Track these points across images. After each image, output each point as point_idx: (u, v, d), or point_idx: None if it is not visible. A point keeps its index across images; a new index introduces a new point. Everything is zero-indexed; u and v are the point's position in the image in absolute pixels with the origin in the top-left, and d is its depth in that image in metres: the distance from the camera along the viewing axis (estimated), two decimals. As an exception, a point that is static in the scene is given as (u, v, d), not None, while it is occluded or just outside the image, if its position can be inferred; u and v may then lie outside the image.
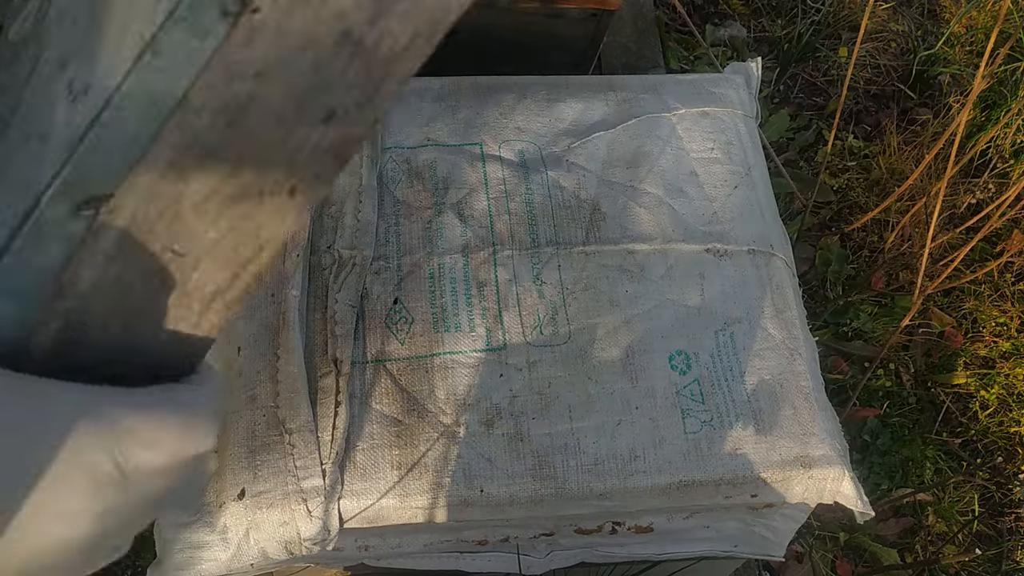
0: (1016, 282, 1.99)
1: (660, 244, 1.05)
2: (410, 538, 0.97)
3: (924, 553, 1.66)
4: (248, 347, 0.92)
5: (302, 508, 0.86)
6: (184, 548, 0.86)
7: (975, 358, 1.90)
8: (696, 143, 1.13)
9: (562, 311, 0.99)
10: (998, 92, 2.11)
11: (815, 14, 2.24)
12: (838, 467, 0.95)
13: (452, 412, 0.92)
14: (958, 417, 1.83)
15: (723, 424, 0.95)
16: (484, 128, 1.10)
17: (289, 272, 0.96)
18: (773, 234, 1.10)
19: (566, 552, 1.05)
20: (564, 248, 1.03)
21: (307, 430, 0.88)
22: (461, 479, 0.90)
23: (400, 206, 1.03)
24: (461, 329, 0.97)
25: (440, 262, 1.00)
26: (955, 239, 1.96)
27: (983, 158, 2.07)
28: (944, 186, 1.38)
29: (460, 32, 1.43)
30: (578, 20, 1.32)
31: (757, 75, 1.23)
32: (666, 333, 1.00)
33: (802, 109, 2.15)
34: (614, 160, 1.10)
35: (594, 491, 0.91)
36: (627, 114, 1.14)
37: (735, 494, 0.95)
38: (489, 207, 1.04)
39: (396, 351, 0.95)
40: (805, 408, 0.98)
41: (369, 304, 0.97)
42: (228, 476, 0.87)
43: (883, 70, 2.22)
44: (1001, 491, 1.77)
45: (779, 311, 1.03)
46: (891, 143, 2.04)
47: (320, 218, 1.00)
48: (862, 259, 1.95)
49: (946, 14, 2.32)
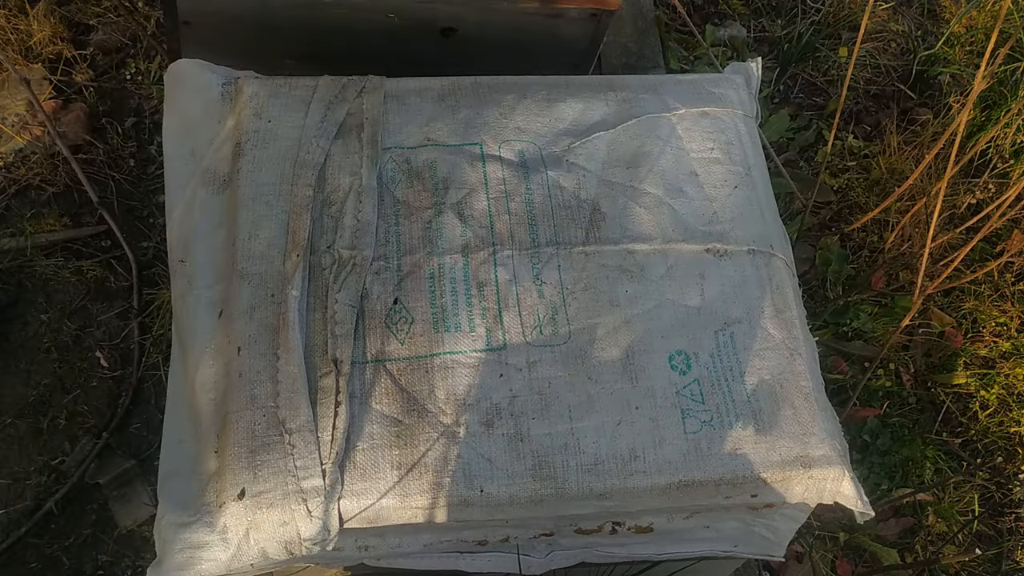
0: (1016, 282, 1.99)
1: (660, 244, 1.05)
2: (410, 538, 0.97)
3: (924, 553, 1.66)
4: (248, 347, 0.92)
5: (302, 508, 0.86)
6: (184, 548, 0.86)
7: (975, 358, 1.90)
8: (696, 143, 1.13)
9: (562, 311, 0.99)
10: (998, 92, 2.11)
11: (815, 14, 2.24)
12: (838, 467, 0.96)
13: (452, 412, 0.92)
14: (958, 417, 1.83)
15: (723, 424, 0.95)
16: (484, 128, 1.10)
17: (289, 272, 0.96)
18: (773, 234, 1.10)
19: (566, 552, 1.05)
20: (564, 248, 1.03)
21: (307, 430, 0.88)
22: (461, 479, 0.90)
23: (400, 206, 1.03)
24: (461, 329, 0.97)
25: (440, 262, 1.00)
26: (955, 239, 1.96)
27: (983, 158, 2.07)
28: (944, 186, 1.38)
29: (460, 32, 1.44)
30: (578, 20, 1.32)
31: (757, 75, 1.23)
32: (666, 333, 1.00)
33: (802, 109, 2.15)
34: (614, 160, 1.10)
35: (594, 491, 0.91)
36: (627, 114, 1.14)
37: (735, 494, 0.95)
38: (489, 207, 1.04)
39: (396, 351, 0.95)
40: (805, 408, 0.98)
41: (369, 304, 0.97)
42: (228, 476, 0.87)
43: (883, 70, 2.22)
44: (1001, 491, 1.77)
45: (779, 311, 1.03)
46: (891, 143, 2.04)
47: (320, 218, 1.00)
48: (862, 259, 1.95)
49: (946, 14, 2.33)
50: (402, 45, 1.32)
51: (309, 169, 1.02)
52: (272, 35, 1.31)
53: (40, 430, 1.50)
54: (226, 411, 0.90)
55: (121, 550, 1.44)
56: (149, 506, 1.45)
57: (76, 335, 1.58)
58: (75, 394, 1.54)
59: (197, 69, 1.09)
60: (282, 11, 1.26)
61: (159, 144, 1.38)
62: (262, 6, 1.26)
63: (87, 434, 1.50)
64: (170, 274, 1.03)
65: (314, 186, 1.01)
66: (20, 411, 1.51)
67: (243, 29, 1.29)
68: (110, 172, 1.67)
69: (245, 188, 1.00)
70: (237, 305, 0.94)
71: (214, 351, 0.94)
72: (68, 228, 1.64)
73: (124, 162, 1.72)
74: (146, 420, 1.53)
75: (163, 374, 1.56)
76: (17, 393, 1.53)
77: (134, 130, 1.75)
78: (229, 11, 1.26)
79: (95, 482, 1.46)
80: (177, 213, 1.04)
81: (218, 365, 0.93)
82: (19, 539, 1.41)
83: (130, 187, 1.69)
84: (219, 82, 1.08)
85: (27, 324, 1.58)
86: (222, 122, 1.06)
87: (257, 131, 1.04)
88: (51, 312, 1.59)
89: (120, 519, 1.45)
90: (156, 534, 0.89)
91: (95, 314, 1.60)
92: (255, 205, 1.00)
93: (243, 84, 1.08)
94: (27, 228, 1.62)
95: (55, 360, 1.56)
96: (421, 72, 1.14)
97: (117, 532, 1.45)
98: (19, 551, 1.41)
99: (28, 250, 1.60)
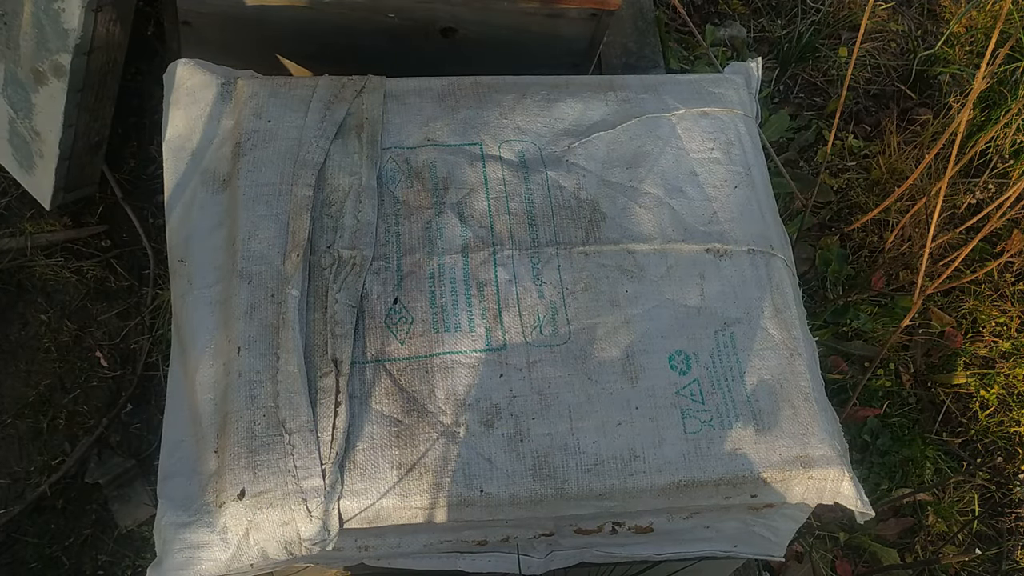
0: (1016, 282, 1.99)
1: (660, 244, 1.05)
2: (410, 538, 0.97)
3: (924, 553, 1.66)
4: (248, 347, 0.92)
5: (302, 508, 0.86)
6: (184, 548, 0.86)
7: (975, 358, 1.90)
8: (696, 143, 1.13)
9: (562, 311, 0.99)
10: (998, 92, 2.11)
11: (815, 14, 2.24)
12: (838, 467, 0.95)
13: (452, 412, 0.92)
14: (958, 417, 1.83)
15: (723, 424, 0.95)
16: (484, 128, 1.10)
17: (289, 272, 0.96)
18: (773, 234, 1.10)
19: (566, 552, 1.05)
20: (564, 248, 1.03)
21: (307, 430, 0.88)
22: (461, 479, 0.90)
23: (400, 206, 1.03)
24: (461, 329, 0.97)
25: (440, 262, 1.00)
26: (955, 239, 1.96)
27: (983, 158, 2.07)
28: (944, 186, 1.38)
29: (460, 32, 1.44)
30: (578, 20, 1.32)
31: (757, 75, 1.23)
32: (666, 333, 1.00)
33: (802, 109, 2.15)
34: (614, 160, 1.10)
35: (594, 491, 0.91)
36: (627, 114, 1.14)
37: (735, 494, 0.96)
38: (489, 207, 1.04)
39: (396, 351, 0.95)
40: (805, 408, 0.98)
41: (369, 304, 0.97)
42: (228, 476, 0.87)
43: (883, 70, 2.22)
44: (1001, 491, 1.77)
45: (779, 311, 1.03)
46: (891, 143, 2.04)
47: (320, 218, 1.00)
48: (862, 259, 1.95)
49: (946, 14, 2.32)
50: (402, 45, 1.32)
51: (309, 169, 1.02)
52: (272, 35, 1.31)
53: (40, 430, 1.50)
54: (226, 411, 0.90)
55: (121, 550, 1.44)
56: (149, 506, 1.45)
57: (76, 335, 1.58)
58: (75, 394, 1.54)
59: (197, 69, 1.09)
60: (282, 11, 1.26)
61: (159, 144, 1.39)
62: (261, 6, 1.26)
63: (87, 434, 1.50)
64: (170, 274, 1.03)
65: (314, 186, 1.01)
66: (20, 411, 1.51)
67: (243, 29, 1.29)
68: (110, 172, 1.67)
69: (245, 188, 1.00)
70: (237, 305, 0.94)
71: (214, 351, 0.94)
72: (68, 228, 1.64)
73: (124, 162, 1.72)
74: (146, 420, 1.53)
75: (163, 374, 1.56)
76: (17, 393, 1.53)
77: (134, 130, 1.75)
78: (229, 11, 1.26)
79: (95, 482, 1.46)
80: (177, 213, 1.04)
81: (218, 365, 0.93)
82: (12, 519, 1.41)
83: (130, 187, 1.69)
84: (219, 82, 1.08)
85: (27, 324, 1.58)
86: (222, 122, 1.06)
87: (257, 131, 1.04)
88: (51, 312, 1.59)
89: (120, 519, 1.45)
90: (156, 534, 0.89)
91: (95, 314, 1.60)
92: (255, 205, 1.00)
93: (243, 84, 1.08)
94: (27, 228, 1.62)
95: (55, 360, 1.56)
96: (421, 72, 1.14)
97: (117, 532, 1.45)
98: (19, 551, 1.42)
99: (28, 250, 1.60)
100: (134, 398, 1.55)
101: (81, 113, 1.43)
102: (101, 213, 1.66)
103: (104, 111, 1.49)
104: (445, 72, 1.15)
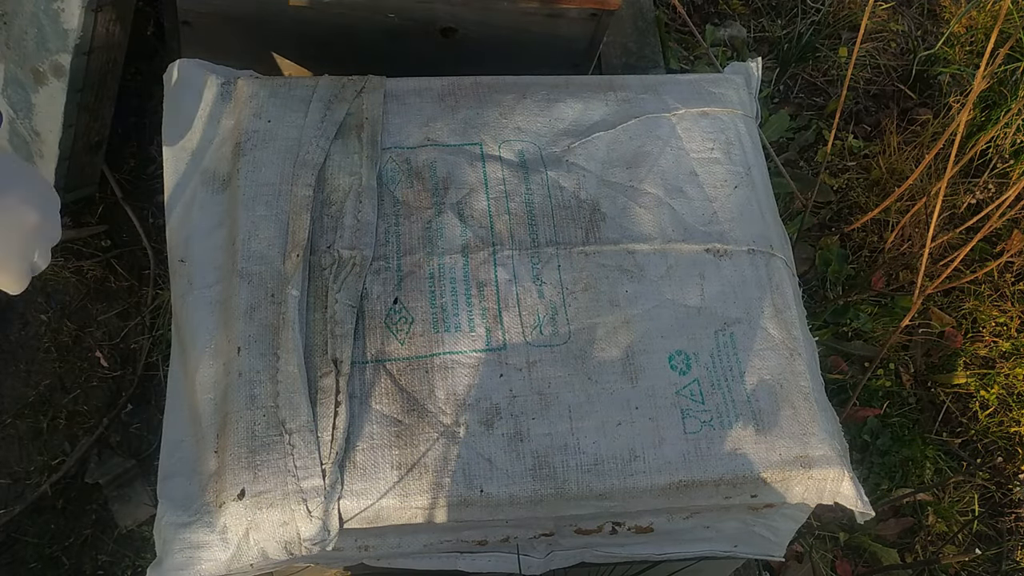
0: (1016, 282, 1.99)
1: (660, 244, 1.05)
2: (410, 538, 0.97)
3: (924, 553, 1.66)
4: (248, 347, 0.92)
5: (302, 508, 0.86)
6: (184, 548, 0.86)
7: (975, 358, 1.90)
8: (696, 143, 1.13)
9: (562, 311, 0.99)
10: (998, 92, 2.11)
11: (815, 14, 2.24)
12: (838, 467, 0.95)
13: (452, 412, 0.92)
14: (958, 417, 1.83)
15: (723, 424, 0.95)
16: (484, 128, 1.10)
17: (289, 272, 0.96)
18: (773, 234, 1.10)
19: (566, 552, 1.05)
20: (564, 248, 1.03)
21: (307, 430, 0.88)
22: (461, 479, 0.90)
23: (400, 206, 1.03)
24: (461, 329, 0.97)
25: (440, 262, 1.00)
26: (955, 239, 1.96)
27: (983, 158, 2.07)
28: (944, 186, 1.38)
29: (460, 32, 1.44)
30: (578, 20, 1.32)
31: (757, 75, 1.23)
32: (666, 333, 1.00)
33: (802, 109, 2.15)
34: (614, 160, 1.10)
35: (594, 491, 0.91)
36: (627, 114, 1.14)
37: (735, 494, 0.96)
38: (489, 207, 1.04)
39: (396, 351, 0.95)
40: (805, 408, 0.98)
41: (369, 304, 0.97)
42: (228, 476, 0.87)
43: (883, 70, 2.22)
44: (1001, 491, 1.77)
45: (779, 311, 1.03)
46: (891, 143, 2.04)
47: (320, 218, 1.00)
48: (862, 259, 1.95)
49: (946, 14, 2.32)
50: (402, 45, 1.32)
51: (309, 169, 1.02)
52: (272, 35, 1.31)
53: (40, 430, 1.50)
54: (226, 411, 0.90)
55: (121, 550, 1.44)
56: (149, 506, 1.45)
57: (76, 335, 1.58)
58: (75, 394, 1.54)
59: (197, 69, 1.09)
60: (282, 11, 1.26)
61: (159, 144, 1.38)
62: (261, 6, 1.26)
63: (87, 434, 1.50)
64: (170, 274, 1.03)
65: (314, 186, 1.01)
66: (20, 411, 1.51)
67: (243, 29, 1.29)
68: (110, 172, 1.67)
69: (245, 188, 1.00)
70: (237, 305, 0.94)
71: (214, 351, 0.94)
72: (68, 228, 1.64)
73: (124, 162, 1.72)
74: (146, 420, 1.53)
75: (163, 374, 1.56)
76: (17, 393, 1.53)
77: (134, 130, 1.75)
78: (229, 11, 1.26)
79: (95, 482, 1.46)
80: (177, 213, 1.04)
81: (218, 365, 0.93)
82: (12, 519, 1.41)
83: (130, 187, 1.69)
84: (219, 82, 1.08)
85: (27, 324, 1.58)
86: (222, 122, 1.06)
87: (257, 131, 1.04)
88: (51, 312, 1.59)
89: (120, 519, 1.45)
90: (156, 534, 0.89)
91: (95, 314, 1.60)
92: (255, 205, 1.00)
93: (243, 84, 1.08)
94: (27, 228, 1.62)
95: (55, 360, 1.56)
96: (421, 72, 1.14)
97: (117, 532, 1.45)
98: (19, 551, 1.42)
99: (28, 250, 1.60)
100: (134, 398, 1.55)
101: (81, 113, 1.43)
102: (101, 213, 1.66)
103: (104, 111, 1.49)
104: (445, 72, 1.15)
